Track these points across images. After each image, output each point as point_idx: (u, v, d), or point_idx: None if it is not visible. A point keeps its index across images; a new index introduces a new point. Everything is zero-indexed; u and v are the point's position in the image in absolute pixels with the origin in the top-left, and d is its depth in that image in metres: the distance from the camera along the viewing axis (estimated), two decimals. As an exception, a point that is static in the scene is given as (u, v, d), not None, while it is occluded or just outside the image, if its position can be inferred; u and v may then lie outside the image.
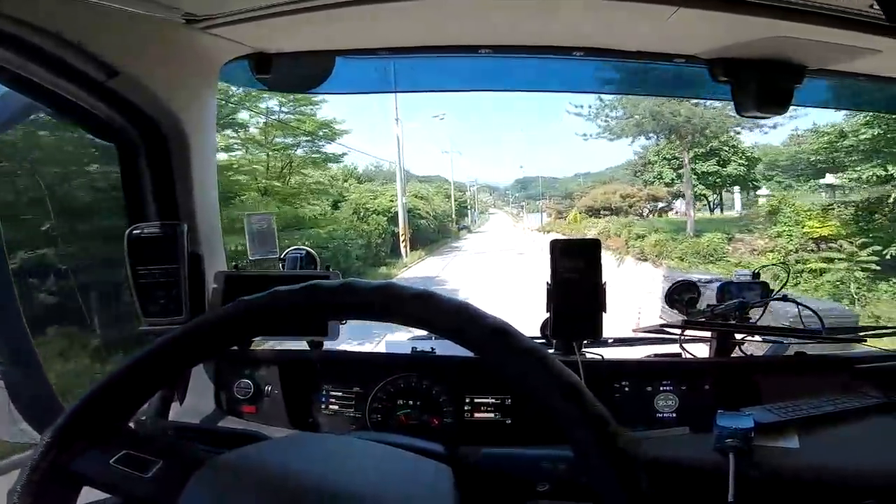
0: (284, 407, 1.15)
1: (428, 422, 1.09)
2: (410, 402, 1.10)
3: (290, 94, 11.19)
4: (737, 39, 1.10)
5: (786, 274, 1.40)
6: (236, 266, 1.23)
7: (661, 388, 1.07)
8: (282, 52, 1.22)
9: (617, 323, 1.31)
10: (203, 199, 1.23)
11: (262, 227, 1.30)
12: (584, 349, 1.12)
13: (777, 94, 1.21)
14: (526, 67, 1.43)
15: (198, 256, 1.19)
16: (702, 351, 1.24)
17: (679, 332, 1.20)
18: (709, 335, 1.24)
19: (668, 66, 1.32)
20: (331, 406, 1.14)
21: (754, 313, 1.26)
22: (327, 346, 1.19)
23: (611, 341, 1.26)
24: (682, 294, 1.26)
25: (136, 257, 1.09)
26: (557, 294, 1.07)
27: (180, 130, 1.14)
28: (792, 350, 1.21)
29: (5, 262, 1.11)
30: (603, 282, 1.06)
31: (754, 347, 1.30)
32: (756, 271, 1.29)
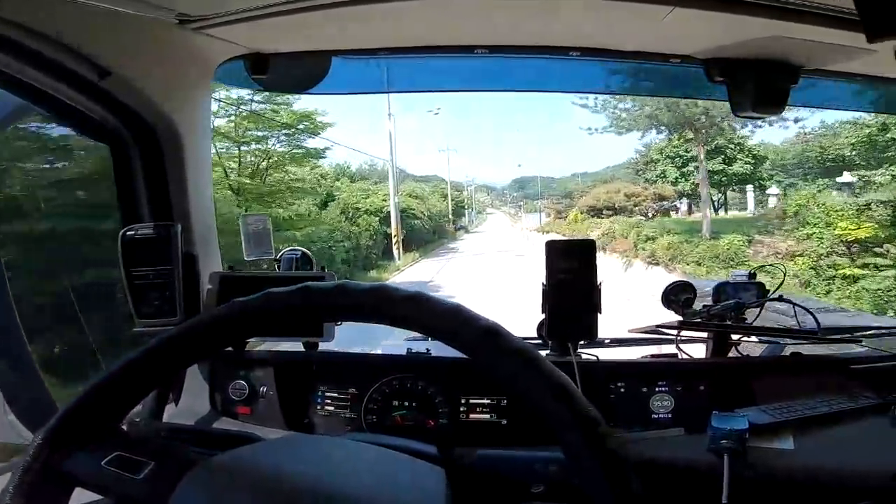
0: (279, 408, 1.15)
1: (423, 423, 1.09)
2: (406, 404, 1.10)
3: (286, 94, 10.91)
4: (732, 39, 1.10)
5: (782, 274, 1.40)
6: (231, 267, 1.23)
7: (656, 389, 1.07)
8: (278, 53, 1.22)
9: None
10: (198, 199, 1.23)
11: (258, 228, 1.29)
12: (581, 350, 1.12)
13: (773, 94, 1.20)
14: (522, 68, 1.43)
15: (192, 257, 1.19)
16: (699, 351, 1.24)
17: (675, 333, 1.20)
18: (705, 336, 1.24)
19: (664, 67, 1.32)
20: (326, 407, 1.13)
21: (753, 314, 1.26)
22: (322, 347, 1.19)
23: (607, 342, 1.25)
24: (679, 294, 1.26)
25: (130, 258, 1.09)
26: (553, 295, 1.07)
27: (174, 131, 1.14)
28: (788, 350, 1.20)
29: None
30: (598, 283, 1.06)
31: (751, 348, 1.30)
32: (752, 271, 1.28)
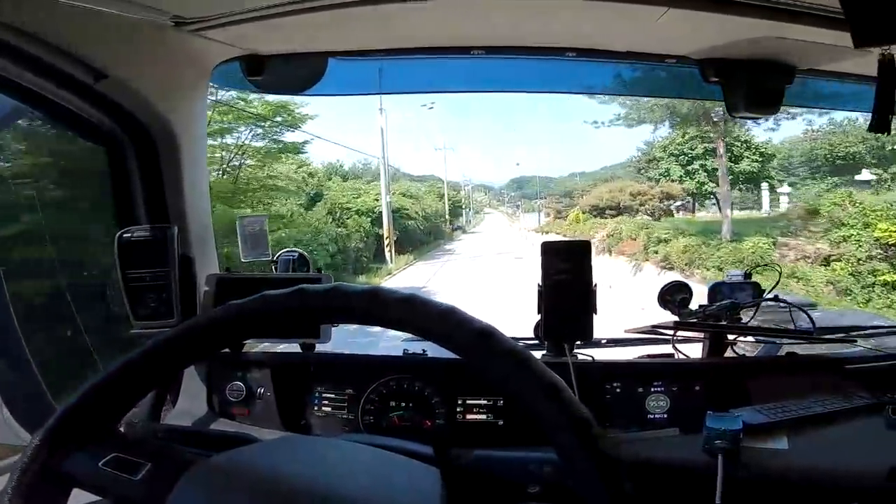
0: (277, 409, 1.15)
1: (420, 423, 1.09)
2: (403, 404, 1.10)
3: (282, 95, 10.60)
4: (727, 40, 1.10)
5: (778, 274, 1.40)
6: (228, 269, 1.23)
7: (652, 390, 1.07)
8: (274, 54, 1.22)
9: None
10: (194, 201, 1.23)
11: (255, 229, 1.29)
12: (577, 350, 1.12)
13: (768, 95, 1.21)
14: (518, 69, 1.43)
15: (189, 259, 1.19)
16: (695, 351, 1.24)
17: (671, 333, 1.20)
18: (702, 336, 1.24)
19: (660, 67, 1.32)
20: (323, 408, 1.13)
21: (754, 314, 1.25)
22: (319, 348, 1.19)
23: (604, 342, 1.25)
24: (675, 295, 1.26)
25: (127, 261, 1.09)
26: (548, 296, 1.08)
27: (170, 132, 1.14)
28: (784, 350, 1.21)
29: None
30: (594, 284, 1.06)
31: (748, 348, 1.30)
32: (748, 271, 1.29)
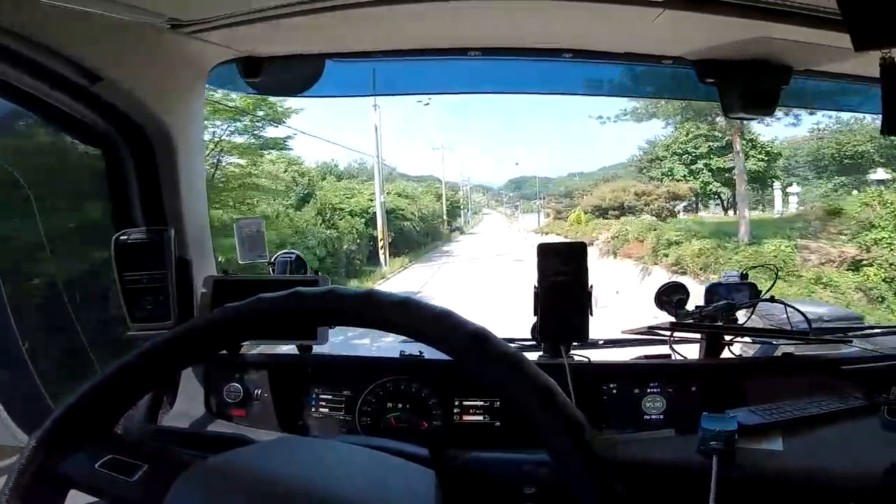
0: (274, 410, 1.15)
1: (417, 425, 1.09)
2: (400, 406, 1.10)
3: (279, 97, 10.62)
4: (723, 40, 1.10)
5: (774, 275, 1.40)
6: (225, 271, 1.23)
7: (648, 391, 1.08)
8: (271, 56, 1.22)
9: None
10: (192, 203, 1.23)
11: (252, 231, 1.29)
12: (574, 351, 1.12)
13: (763, 95, 1.21)
14: (516, 70, 1.44)
15: (186, 261, 1.19)
16: (692, 352, 1.24)
17: (668, 334, 1.20)
18: (699, 337, 1.24)
19: (656, 68, 1.33)
20: (321, 409, 1.14)
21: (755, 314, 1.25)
22: (316, 349, 1.19)
23: (601, 343, 1.25)
24: (671, 295, 1.26)
25: (123, 263, 1.09)
26: (544, 297, 1.08)
27: (167, 135, 1.14)
28: (780, 351, 1.21)
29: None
30: (590, 285, 1.07)
31: (745, 348, 1.30)
32: (744, 272, 1.29)
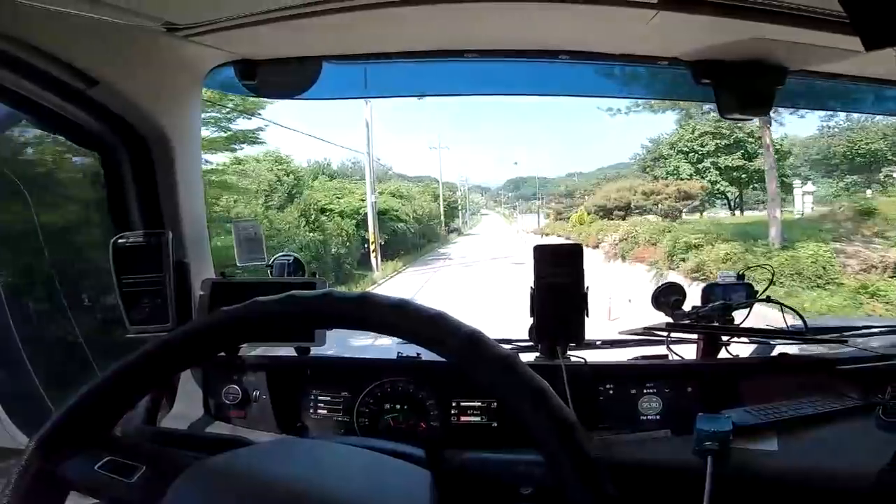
0: (273, 412, 1.15)
1: (415, 426, 1.10)
2: (398, 407, 1.10)
3: (277, 100, 10.46)
4: (718, 41, 1.10)
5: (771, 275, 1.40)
6: (223, 273, 1.24)
7: (644, 391, 1.08)
8: (267, 59, 1.23)
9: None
10: (189, 206, 1.23)
11: (250, 234, 1.30)
12: (571, 352, 1.12)
13: (759, 96, 1.22)
14: (512, 71, 1.44)
15: (184, 264, 1.19)
16: (689, 352, 1.24)
17: (664, 335, 1.20)
18: (695, 337, 1.24)
19: (652, 69, 1.33)
20: (319, 411, 1.14)
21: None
22: (315, 351, 1.20)
23: (598, 343, 1.26)
24: (668, 296, 1.27)
25: (121, 266, 1.09)
26: (540, 298, 1.08)
27: (164, 137, 1.14)
28: (777, 351, 1.21)
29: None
30: (586, 287, 1.07)
31: (742, 349, 1.31)
32: (741, 272, 1.29)
